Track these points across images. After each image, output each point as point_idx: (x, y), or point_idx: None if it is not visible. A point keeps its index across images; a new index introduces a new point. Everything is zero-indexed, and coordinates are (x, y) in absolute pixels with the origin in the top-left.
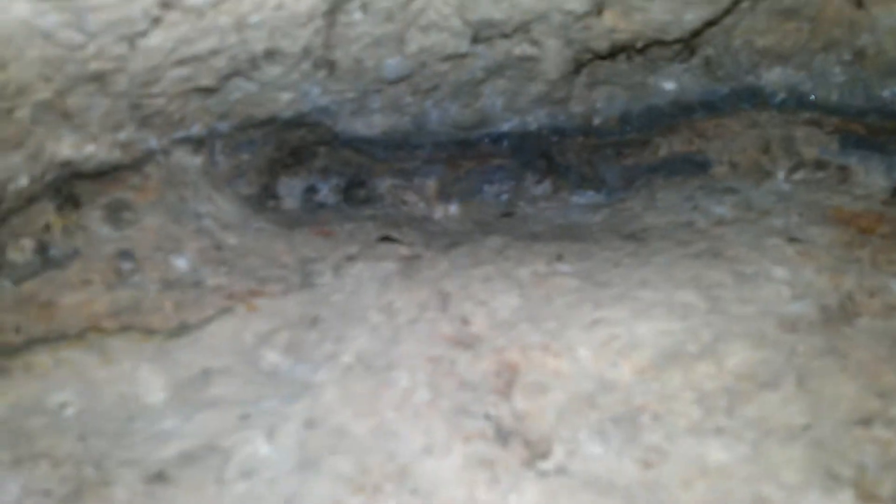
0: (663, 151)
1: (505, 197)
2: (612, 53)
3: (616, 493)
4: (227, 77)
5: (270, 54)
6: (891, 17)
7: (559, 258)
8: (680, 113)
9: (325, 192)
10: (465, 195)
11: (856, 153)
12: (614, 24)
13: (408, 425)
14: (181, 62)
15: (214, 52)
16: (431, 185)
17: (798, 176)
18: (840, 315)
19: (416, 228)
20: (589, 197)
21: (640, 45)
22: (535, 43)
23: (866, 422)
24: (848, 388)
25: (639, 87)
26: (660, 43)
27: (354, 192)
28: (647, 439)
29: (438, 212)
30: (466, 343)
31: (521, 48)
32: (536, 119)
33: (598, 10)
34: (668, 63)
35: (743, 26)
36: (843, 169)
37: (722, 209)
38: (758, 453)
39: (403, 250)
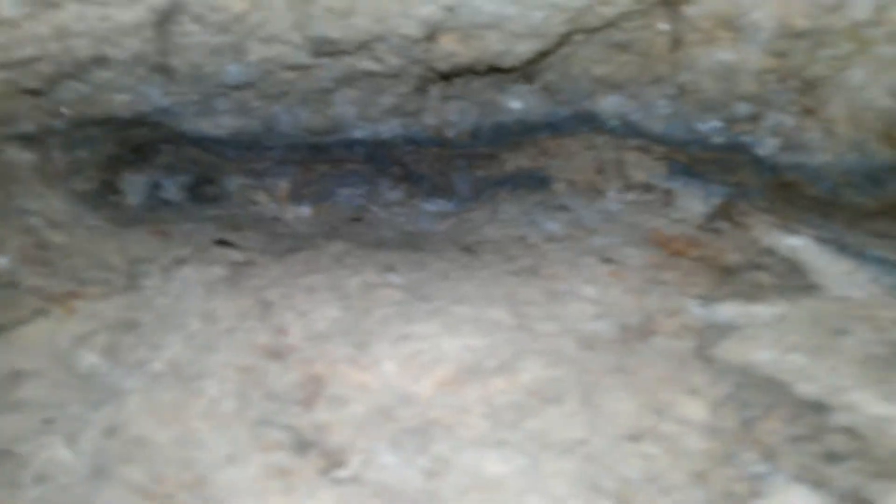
0: (510, 166)
1: (358, 201)
2: (456, 74)
3: (401, 502)
4: (55, 80)
5: (98, 60)
6: (708, 59)
7: (391, 269)
8: (526, 131)
9: (171, 189)
10: (318, 198)
11: (680, 179)
12: (453, 49)
13: (212, 435)
14: (1, 66)
15: (37, 59)
16: (283, 185)
17: (628, 197)
18: (637, 334)
19: (261, 231)
20: (440, 205)
21: (480, 68)
22: (378, 60)
23: (637, 437)
24: (627, 404)
25: (489, 105)
26: (498, 69)
27: (202, 190)
28: (435, 450)
29: (289, 213)
30: (279, 354)
31: (365, 64)
32: (390, 129)
33: (433, 36)
34: (513, 84)
35: (580, 55)
36: (668, 193)
37: (554, 225)
38: (533, 466)
39: (236, 255)
